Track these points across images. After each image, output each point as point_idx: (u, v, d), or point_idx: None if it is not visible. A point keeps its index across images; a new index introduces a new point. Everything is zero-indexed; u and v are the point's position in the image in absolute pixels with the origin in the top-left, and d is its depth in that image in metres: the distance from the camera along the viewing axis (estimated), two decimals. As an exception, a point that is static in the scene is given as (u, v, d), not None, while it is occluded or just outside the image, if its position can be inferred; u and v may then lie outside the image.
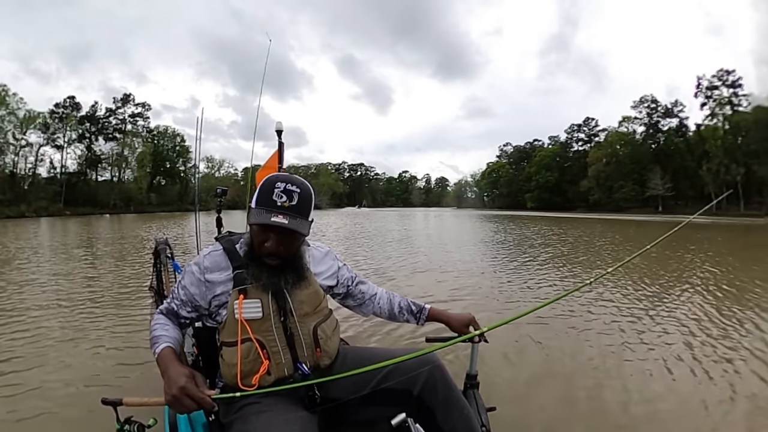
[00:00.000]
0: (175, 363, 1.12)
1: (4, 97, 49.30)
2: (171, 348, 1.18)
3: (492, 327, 1.29)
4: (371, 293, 1.54)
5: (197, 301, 1.27)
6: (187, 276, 1.28)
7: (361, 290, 1.52)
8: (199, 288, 1.25)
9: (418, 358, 1.24)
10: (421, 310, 1.56)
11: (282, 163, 2.82)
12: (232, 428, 1.14)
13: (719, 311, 5.04)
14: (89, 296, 5.88)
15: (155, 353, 1.18)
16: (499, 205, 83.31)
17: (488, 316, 4.95)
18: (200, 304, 1.27)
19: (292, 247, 1.21)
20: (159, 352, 1.17)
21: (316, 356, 1.25)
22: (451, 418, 1.24)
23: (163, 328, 1.25)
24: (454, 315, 1.55)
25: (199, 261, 1.28)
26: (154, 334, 1.23)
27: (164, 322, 1.28)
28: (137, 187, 61.35)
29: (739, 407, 2.70)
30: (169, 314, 1.31)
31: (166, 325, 1.27)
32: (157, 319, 1.30)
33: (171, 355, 1.15)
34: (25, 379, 3.04)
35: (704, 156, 50.96)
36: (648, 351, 3.70)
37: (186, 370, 1.09)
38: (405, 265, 9.18)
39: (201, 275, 1.25)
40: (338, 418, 1.28)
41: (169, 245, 2.64)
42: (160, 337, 1.21)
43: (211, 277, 1.24)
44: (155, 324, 1.28)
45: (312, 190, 1.21)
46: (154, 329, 1.25)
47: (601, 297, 5.70)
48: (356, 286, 1.51)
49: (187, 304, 1.28)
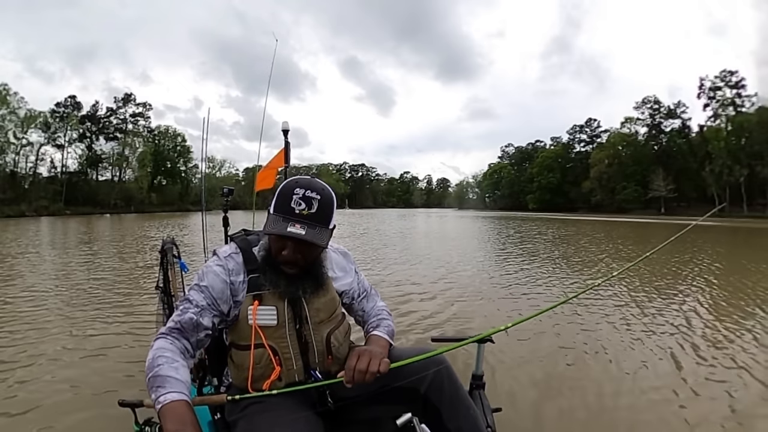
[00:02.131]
0: (191, 430, 0.91)
1: (5, 96, 49.31)
2: (185, 402, 0.95)
3: (496, 331, 1.25)
4: (367, 317, 1.42)
5: (219, 305, 1.17)
6: (209, 277, 1.17)
7: (363, 308, 1.44)
8: (224, 292, 1.17)
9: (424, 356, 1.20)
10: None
11: (288, 162, 2.80)
12: (238, 426, 1.12)
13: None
14: (106, 297, 5.76)
15: (158, 402, 0.93)
16: (500, 207, 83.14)
17: (495, 317, 4.87)
18: (222, 309, 1.17)
19: (310, 257, 1.16)
20: (165, 402, 0.93)
21: (327, 363, 1.24)
22: (456, 417, 1.21)
23: (170, 364, 1.01)
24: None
25: (222, 262, 1.20)
26: (159, 373, 0.99)
27: (171, 357, 1.04)
28: (138, 187, 61.37)
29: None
30: (181, 334, 1.12)
31: (173, 361, 1.03)
32: (160, 349, 1.06)
33: (186, 417, 0.92)
34: (36, 380, 2.99)
35: (707, 157, 50.77)
36: (664, 352, 3.58)
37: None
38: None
39: (227, 276, 1.18)
40: (344, 416, 1.25)
41: (175, 244, 2.60)
42: (167, 381, 0.97)
43: (234, 279, 1.19)
44: (159, 356, 1.03)
45: (333, 196, 1.15)
46: (158, 364, 1.01)
47: (611, 297, 5.57)
48: (360, 302, 1.43)
49: (211, 308, 1.16)
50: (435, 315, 4.88)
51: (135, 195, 60.50)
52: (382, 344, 1.26)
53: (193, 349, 1.14)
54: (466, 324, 4.56)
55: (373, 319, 1.39)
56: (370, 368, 1.09)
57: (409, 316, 4.81)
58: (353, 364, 1.11)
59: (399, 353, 1.22)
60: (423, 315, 4.85)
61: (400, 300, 5.58)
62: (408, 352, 1.20)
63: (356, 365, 1.10)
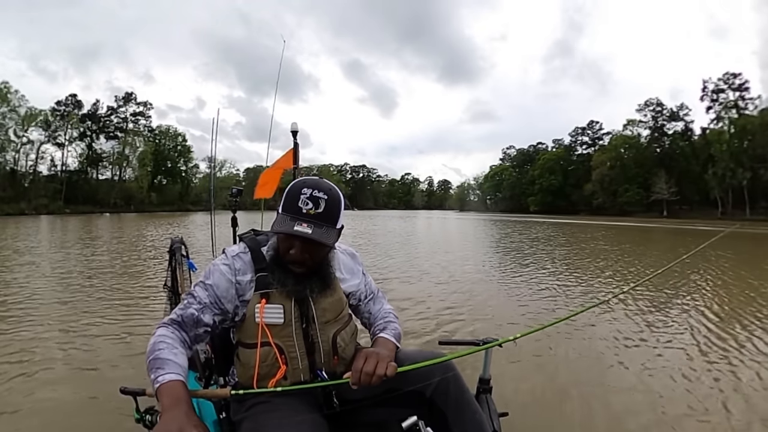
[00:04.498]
0: (185, 406, 0.94)
1: (6, 94, 49.24)
2: (181, 383, 1.00)
3: (506, 340, 1.26)
4: (373, 319, 1.42)
5: (223, 303, 1.18)
6: (215, 275, 1.19)
7: (369, 311, 1.43)
8: (229, 291, 1.18)
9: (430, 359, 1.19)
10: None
11: (297, 163, 2.81)
12: (242, 426, 1.13)
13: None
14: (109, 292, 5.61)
15: (156, 381, 0.99)
16: (501, 209, 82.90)
17: (506, 323, 4.72)
18: (226, 308, 1.18)
19: (317, 256, 1.17)
20: (164, 382, 0.98)
21: (333, 363, 1.24)
22: (462, 421, 1.20)
23: (170, 350, 1.07)
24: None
25: (229, 261, 1.21)
26: (159, 356, 1.04)
27: (171, 343, 1.09)
28: (138, 186, 61.32)
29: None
30: (181, 327, 1.15)
31: (174, 347, 1.08)
32: (161, 336, 1.10)
33: (181, 394, 0.97)
34: (38, 369, 3.09)
35: (710, 160, 50.53)
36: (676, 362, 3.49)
37: (199, 424, 0.91)
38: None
39: (232, 276, 1.19)
40: (349, 419, 1.24)
41: (184, 244, 2.70)
42: (167, 363, 1.03)
43: (240, 279, 1.19)
44: (160, 341, 1.08)
45: (341, 196, 1.17)
46: (159, 348, 1.06)
47: (624, 307, 5.35)
48: (367, 304, 1.43)
49: (213, 306, 1.17)
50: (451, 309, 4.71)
51: (135, 194, 60.45)
52: (389, 347, 1.25)
53: (190, 342, 1.16)
54: (475, 324, 4.42)
55: (380, 322, 1.39)
56: (377, 371, 1.08)
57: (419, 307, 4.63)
58: (360, 365, 1.10)
59: (406, 356, 1.23)
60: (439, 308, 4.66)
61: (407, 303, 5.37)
62: (415, 356, 1.21)
63: (363, 367, 1.09)
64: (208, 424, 1.25)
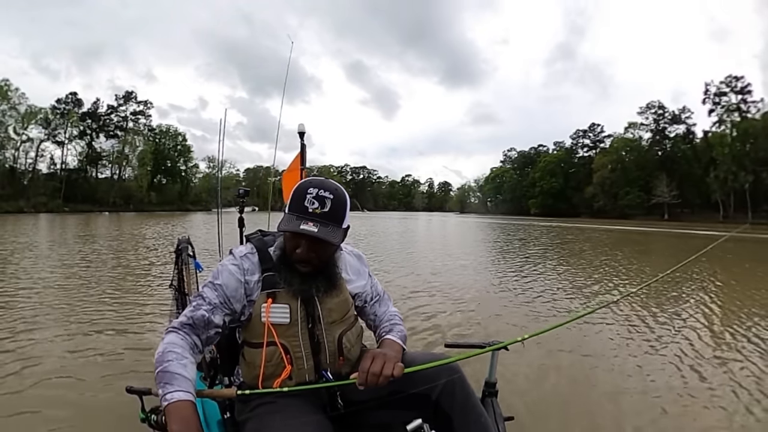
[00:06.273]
0: (195, 430, 0.94)
1: (6, 92, 49.11)
2: (190, 402, 0.97)
3: (513, 341, 1.26)
4: (379, 321, 1.42)
5: (232, 303, 1.17)
6: (224, 275, 1.18)
7: (375, 312, 1.43)
8: (238, 291, 1.18)
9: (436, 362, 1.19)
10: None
11: (305, 164, 2.81)
12: (247, 426, 1.13)
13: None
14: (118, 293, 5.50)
15: (165, 399, 0.96)
16: (502, 211, 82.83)
17: (512, 325, 4.62)
18: (235, 308, 1.18)
19: (324, 255, 1.18)
20: (172, 401, 0.95)
21: (338, 364, 1.24)
22: (467, 425, 1.20)
23: (179, 361, 1.03)
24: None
25: (237, 262, 1.21)
26: (168, 369, 1.01)
27: (180, 353, 1.06)
28: (137, 186, 61.22)
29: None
30: (192, 330, 1.13)
31: (182, 357, 1.05)
32: (171, 343, 1.07)
33: (190, 416, 0.94)
34: (41, 367, 3.09)
35: (711, 163, 50.49)
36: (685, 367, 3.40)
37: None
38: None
39: (241, 276, 1.19)
40: (353, 420, 1.24)
41: (191, 244, 2.68)
42: (175, 378, 0.99)
43: (249, 278, 1.20)
44: (169, 351, 1.05)
45: (347, 196, 1.17)
46: (168, 360, 1.03)
47: (633, 310, 5.19)
48: (372, 306, 1.42)
49: (223, 306, 1.16)
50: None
51: (134, 194, 60.33)
52: (396, 348, 1.24)
53: (202, 345, 1.15)
54: (481, 327, 4.33)
55: (385, 324, 1.39)
56: (384, 372, 1.08)
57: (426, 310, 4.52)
58: (367, 366, 1.10)
59: (411, 358, 1.23)
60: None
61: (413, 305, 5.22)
62: (421, 358, 1.21)
63: (370, 368, 1.09)
64: (212, 424, 1.27)
